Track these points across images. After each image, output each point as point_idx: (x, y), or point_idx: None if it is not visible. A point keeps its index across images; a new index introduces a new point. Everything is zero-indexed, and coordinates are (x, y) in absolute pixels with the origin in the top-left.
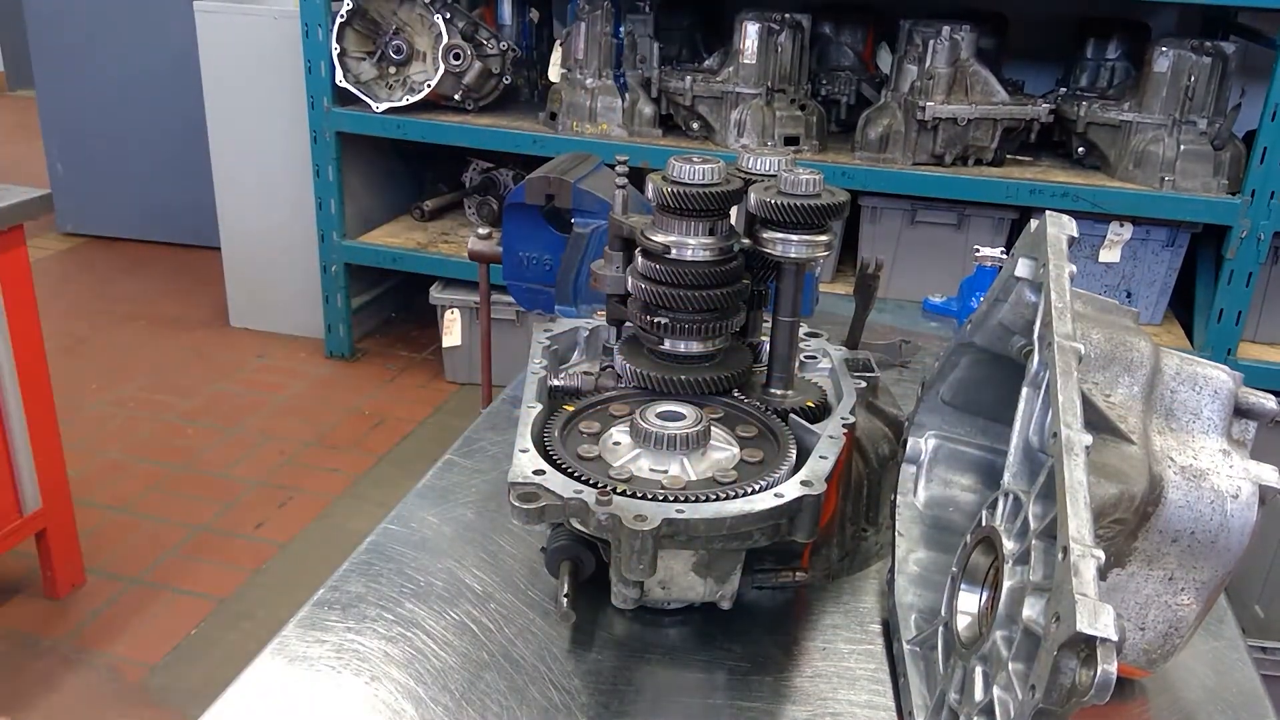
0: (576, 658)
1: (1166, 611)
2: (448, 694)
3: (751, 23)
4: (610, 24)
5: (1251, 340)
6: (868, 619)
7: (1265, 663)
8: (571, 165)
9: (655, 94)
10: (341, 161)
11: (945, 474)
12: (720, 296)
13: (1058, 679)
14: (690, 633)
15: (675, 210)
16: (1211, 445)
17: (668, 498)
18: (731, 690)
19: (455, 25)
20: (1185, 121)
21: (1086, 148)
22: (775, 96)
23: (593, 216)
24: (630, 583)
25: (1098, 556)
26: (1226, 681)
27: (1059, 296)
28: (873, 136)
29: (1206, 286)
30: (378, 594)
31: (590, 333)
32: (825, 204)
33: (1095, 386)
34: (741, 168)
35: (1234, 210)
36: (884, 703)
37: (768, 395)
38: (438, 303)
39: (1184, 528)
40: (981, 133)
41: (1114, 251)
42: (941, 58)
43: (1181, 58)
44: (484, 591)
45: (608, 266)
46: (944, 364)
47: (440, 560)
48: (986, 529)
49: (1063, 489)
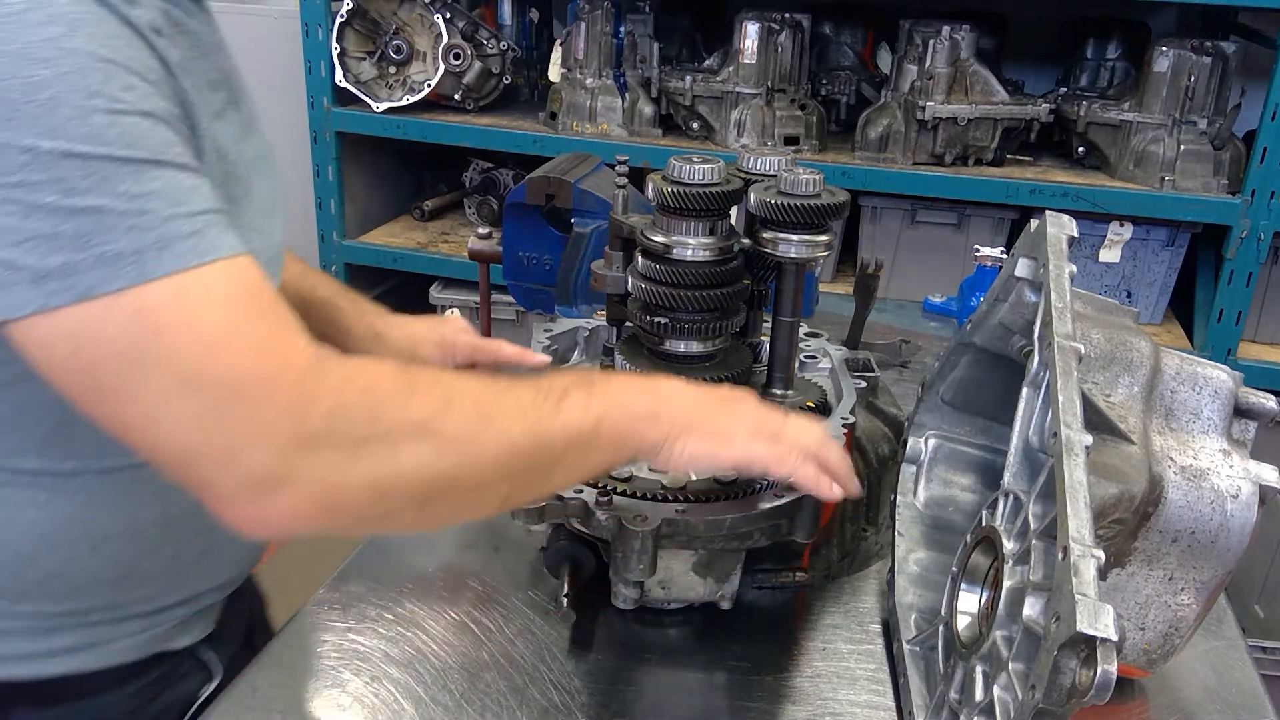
0: (576, 658)
1: (1166, 611)
2: (448, 694)
3: (751, 23)
4: (610, 24)
5: (1251, 340)
6: (868, 619)
7: (1265, 663)
8: (571, 165)
9: (655, 94)
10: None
11: (945, 474)
12: (720, 296)
13: (1058, 679)
14: (690, 633)
15: (675, 210)
16: (1211, 445)
17: (668, 498)
18: (731, 690)
19: (455, 25)
20: (1185, 121)
21: (1086, 148)
22: (775, 96)
23: (593, 216)
24: (630, 583)
25: (1098, 556)
26: (1226, 681)
27: (1059, 296)
28: (873, 136)
29: (1206, 286)
30: (378, 594)
31: (590, 333)
32: (825, 204)
33: (1095, 386)
34: (741, 168)
35: (1234, 210)
36: (884, 703)
37: (768, 395)
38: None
39: (1184, 528)
40: (981, 133)
41: (1114, 251)
42: (941, 58)
43: (1181, 58)
44: (484, 591)
45: (608, 266)
46: (944, 364)
47: (440, 560)
48: (986, 529)
49: (1063, 489)
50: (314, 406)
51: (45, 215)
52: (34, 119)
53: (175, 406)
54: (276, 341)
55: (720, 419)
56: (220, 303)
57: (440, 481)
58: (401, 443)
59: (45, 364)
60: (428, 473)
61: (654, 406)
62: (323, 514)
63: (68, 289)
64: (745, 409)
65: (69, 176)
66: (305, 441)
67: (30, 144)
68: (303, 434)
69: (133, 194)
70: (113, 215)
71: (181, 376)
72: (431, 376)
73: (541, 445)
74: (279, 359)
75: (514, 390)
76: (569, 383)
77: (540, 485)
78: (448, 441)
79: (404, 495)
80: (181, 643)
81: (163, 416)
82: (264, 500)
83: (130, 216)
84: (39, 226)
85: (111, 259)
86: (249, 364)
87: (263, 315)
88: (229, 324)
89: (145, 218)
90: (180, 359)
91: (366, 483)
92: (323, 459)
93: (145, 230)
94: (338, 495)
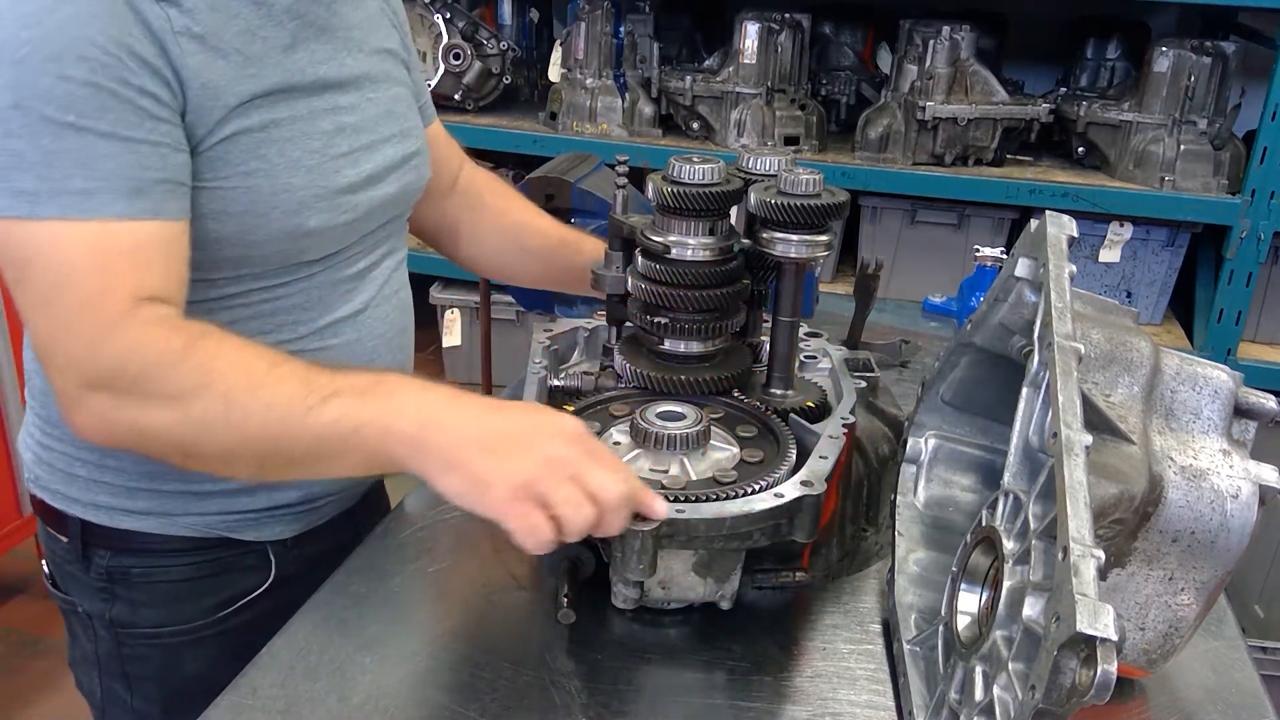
0: (576, 658)
1: (1166, 611)
2: (448, 693)
3: (751, 23)
4: (610, 24)
5: (1251, 340)
6: (868, 619)
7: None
8: (571, 165)
9: (655, 94)
10: None
11: (945, 474)
12: (720, 296)
13: (1058, 679)
14: (690, 633)
15: (675, 210)
16: (1211, 445)
17: (668, 498)
18: (731, 690)
19: (455, 25)
20: (1185, 121)
21: (1086, 148)
22: (775, 96)
23: (593, 216)
24: (630, 583)
25: (1098, 557)
26: (1226, 681)
27: (1059, 296)
28: (873, 136)
29: (1206, 286)
30: (378, 593)
31: (590, 333)
32: (825, 204)
33: (1095, 386)
34: (741, 168)
35: (1234, 210)
36: (884, 703)
37: (768, 395)
38: (438, 303)
39: (1184, 528)
40: (981, 133)
41: (1114, 251)
42: (941, 58)
43: (1181, 58)
44: (484, 591)
45: (608, 266)
46: (944, 364)
47: (440, 560)
48: (987, 529)
49: (1063, 489)
50: (104, 347)
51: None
52: (3, 74)
53: (35, 318)
54: (103, 297)
55: (485, 466)
56: (81, 254)
57: (185, 446)
58: (153, 407)
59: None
60: (172, 436)
61: (418, 434)
62: (106, 439)
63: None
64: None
65: (9, 122)
66: (88, 379)
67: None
68: (87, 373)
69: (48, 149)
70: (27, 160)
71: (40, 297)
72: (210, 353)
73: (281, 439)
74: (100, 300)
75: (282, 382)
76: (345, 385)
77: (289, 470)
78: (189, 418)
79: (161, 446)
80: (248, 536)
81: (31, 320)
82: (69, 411)
83: (39, 166)
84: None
85: (15, 193)
86: (76, 299)
87: (105, 273)
88: (76, 273)
89: (51, 169)
90: (38, 285)
91: (129, 428)
92: (96, 396)
93: (45, 179)
94: (109, 429)
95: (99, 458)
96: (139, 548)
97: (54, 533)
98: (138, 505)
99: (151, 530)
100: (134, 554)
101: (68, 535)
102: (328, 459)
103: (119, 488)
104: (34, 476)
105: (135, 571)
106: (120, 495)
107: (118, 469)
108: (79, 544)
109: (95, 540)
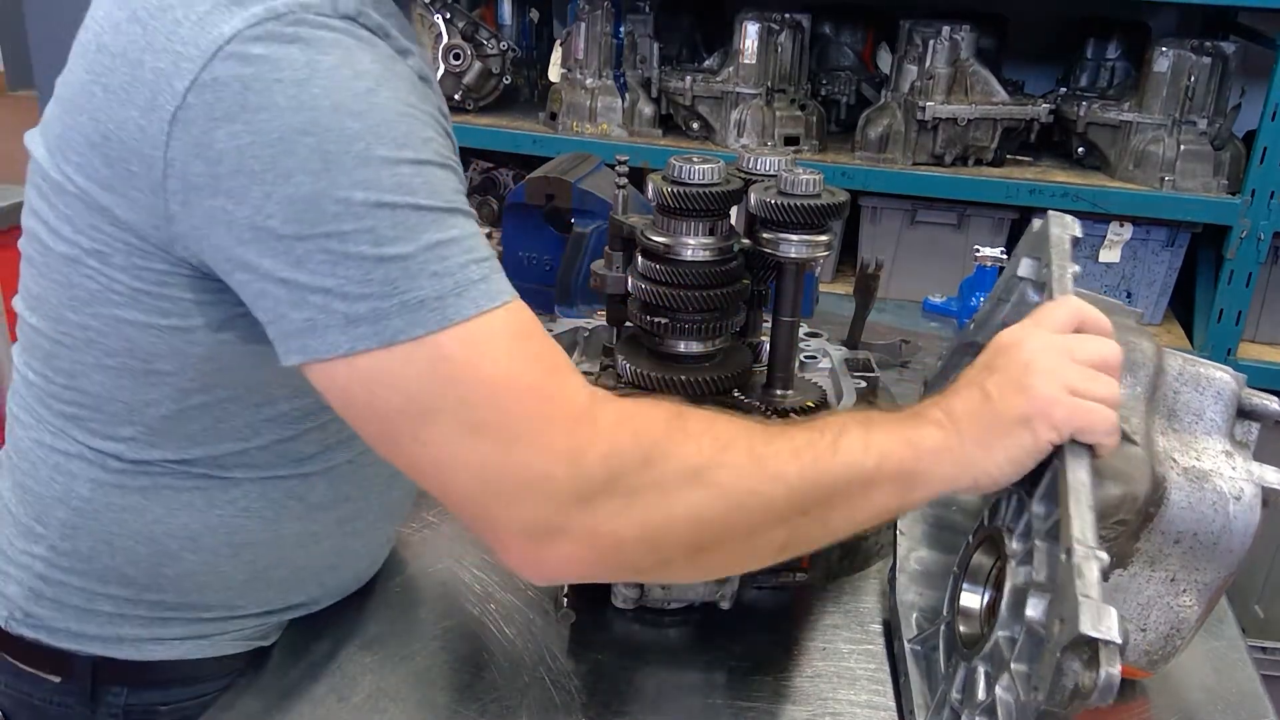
0: (576, 658)
1: (1168, 613)
2: (448, 694)
3: (751, 23)
4: (610, 24)
5: (1252, 340)
6: (868, 619)
7: (1265, 663)
8: (571, 165)
9: (655, 94)
10: None
11: None
12: (720, 296)
13: (1061, 681)
14: (690, 633)
15: (675, 210)
16: (1214, 446)
17: None
18: (731, 690)
19: (455, 25)
20: (1185, 121)
21: (1086, 148)
22: (775, 97)
23: (593, 216)
24: (630, 583)
25: (1101, 558)
26: (1226, 681)
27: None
28: (873, 136)
29: (1206, 286)
30: (378, 594)
31: (590, 333)
32: (825, 204)
33: None
34: (741, 168)
35: (1234, 210)
36: (884, 703)
37: (768, 395)
38: None
39: (1186, 529)
40: (981, 133)
41: (1114, 251)
42: (941, 58)
43: (1181, 58)
44: (484, 591)
45: (608, 266)
46: (946, 364)
47: (440, 559)
48: (990, 529)
49: (1065, 490)
50: (589, 452)
51: (355, 264)
52: (348, 170)
53: (462, 455)
54: (552, 385)
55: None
56: (504, 349)
57: (714, 529)
58: (675, 490)
59: (341, 406)
60: (701, 521)
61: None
62: (597, 564)
63: (374, 335)
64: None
65: (379, 226)
66: (581, 490)
67: (344, 195)
68: (578, 482)
69: (434, 242)
70: (416, 263)
71: (469, 425)
72: (702, 420)
73: (819, 487)
74: (555, 404)
75: (787, 431)
76: (846, 420)
77: (819, 529)
78: (721, 488)
79: (677, 544)
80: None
81: (449, 464)
82: (541, 549)
83: (432, 264)
84: (350, 274)
85: (415, 305)
86: (528, 410)
87: (539, 358)
88: (511, 370)
89: (445, 264)
90: (468, 409)
91: (641, 533)
92: (597, 509)
93: (445, 277)
94: (612, 545)
95: (136, 591)
96: (167, 678)
97: (39, 674)
98: (171, 632)
99: (183, 657)
100: (160, 686)
101: (66, 675)
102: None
103: (152, 619)
104: (24, 616)
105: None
106: (154, 625)
107: (160, 593)
108: (86, 684)
109: (111, 677)
